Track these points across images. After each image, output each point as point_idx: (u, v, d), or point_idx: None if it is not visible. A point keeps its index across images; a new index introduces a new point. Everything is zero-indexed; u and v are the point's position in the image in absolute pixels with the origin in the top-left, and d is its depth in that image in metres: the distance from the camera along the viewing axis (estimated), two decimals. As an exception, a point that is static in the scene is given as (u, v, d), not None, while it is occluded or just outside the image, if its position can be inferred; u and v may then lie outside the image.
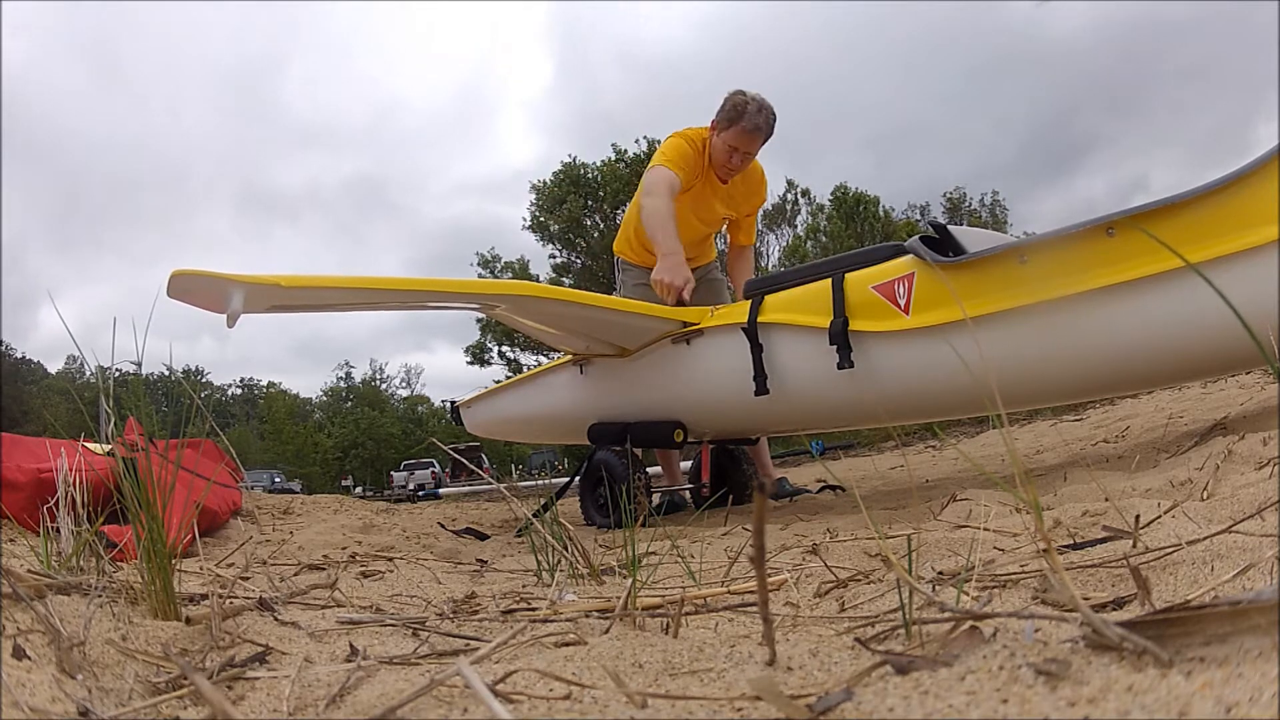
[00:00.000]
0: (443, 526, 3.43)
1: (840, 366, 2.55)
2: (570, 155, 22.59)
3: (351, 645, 0.86)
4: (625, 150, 22.07)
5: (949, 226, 2.60)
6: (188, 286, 2.31)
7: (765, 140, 3.31)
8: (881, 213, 20.00)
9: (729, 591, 1.04)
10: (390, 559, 1.99)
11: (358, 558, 2.04)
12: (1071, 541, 1.07)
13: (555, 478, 4.29)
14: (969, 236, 2.63)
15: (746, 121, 3.21)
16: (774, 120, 3.28)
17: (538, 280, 21.56)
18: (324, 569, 1.75)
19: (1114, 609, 0.76)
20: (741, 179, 3.49)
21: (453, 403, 4.64)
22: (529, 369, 5.33)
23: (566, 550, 1.40)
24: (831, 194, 20.44)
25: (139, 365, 1.14)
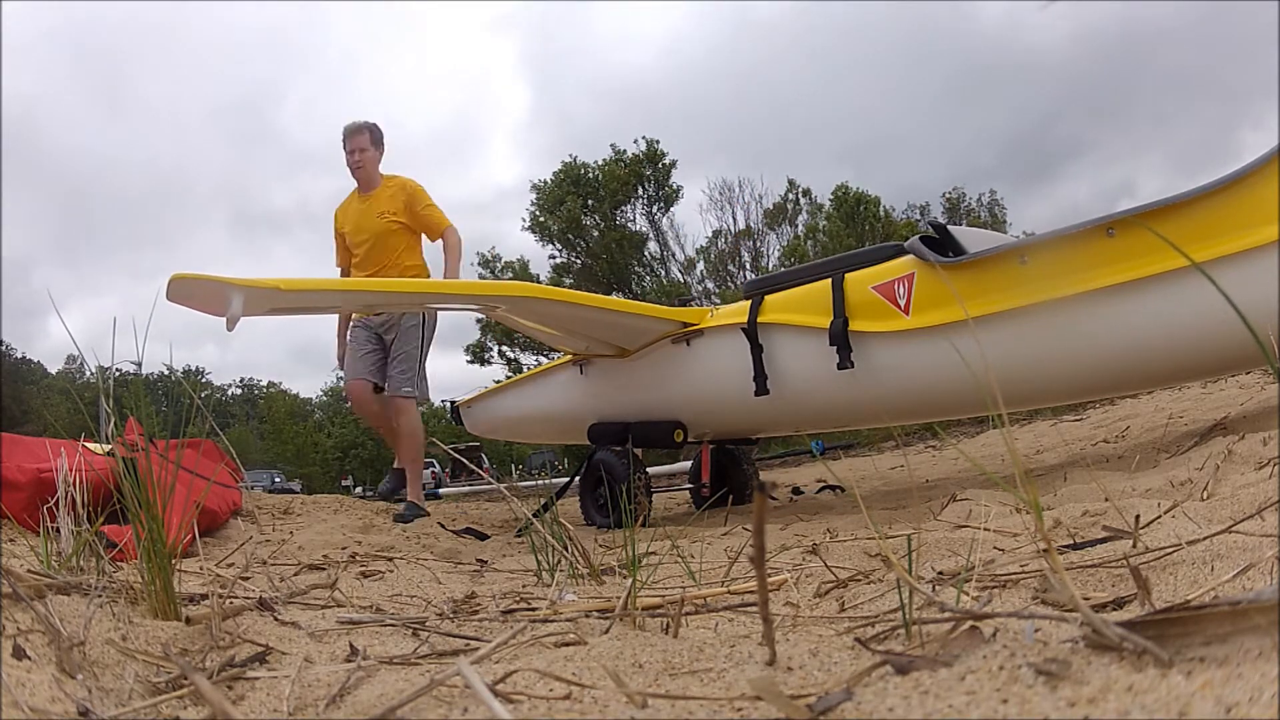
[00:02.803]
0: (443, 526, 3.42)
1: (840, 367, 2.55)
2: (571, 155, 22.51)
3: (351, 645, 0.86)
4: (624, 150, 22.04)
5: (949, 226, 2.60)
6: (187, 290, 2.31)
7: (348, 141, 3.98)
8: (882, 213, 19.97)
9: (729, 591, 1.04)
10: (390, 559, 1.99)
11: (357, 557, 2.04)
12: (1071, 541, 1.07)
13: (555, 478, 4.28)
14: (969, 237, 2.63)
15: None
16: (347, 130, 4.02)
17: (538, 280, 21.53)
18: (324, 569, 1.75)
19: (1114, 609, 0.76)
20: (382, 190, 4.01)
21: (453, 403, 4.63)
22: (529, 369, 5.33)
23: (566, 550, 1.40)
24: (832, 194, 20.42)
25: (139, 365, 1.14)
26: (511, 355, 22.65)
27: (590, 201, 21.87)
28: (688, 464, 5.71)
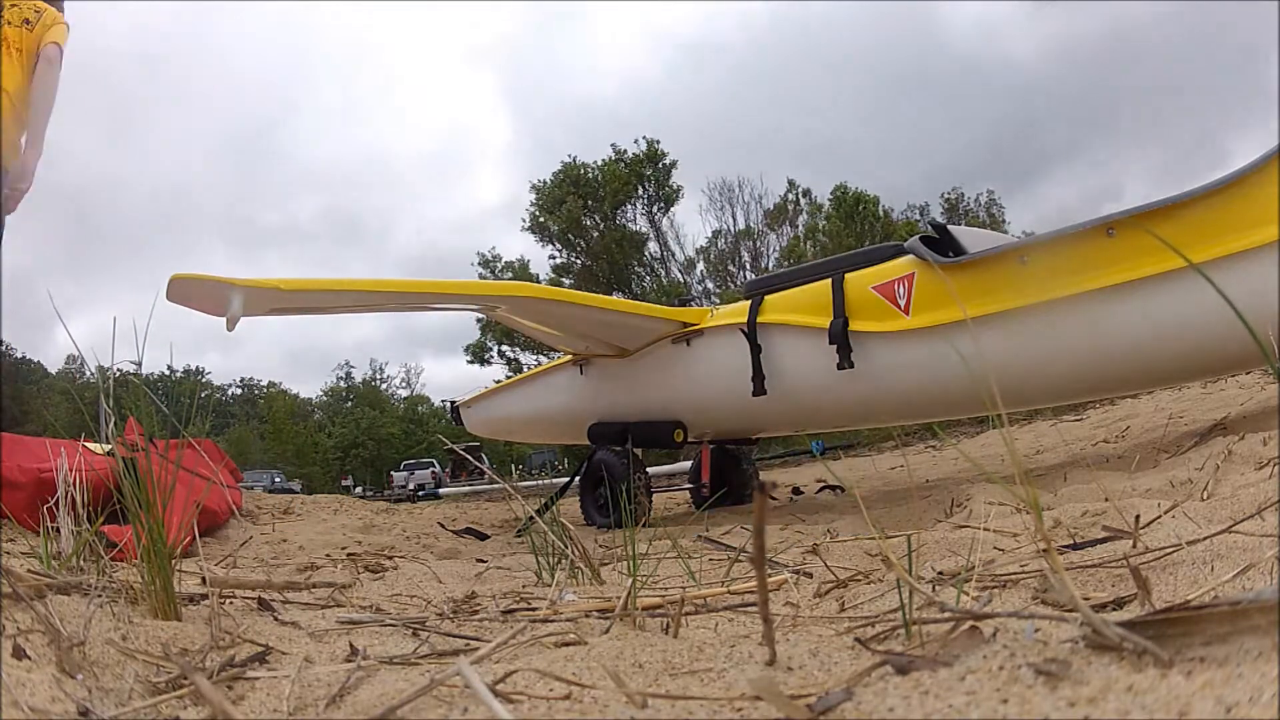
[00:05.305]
0: (443, 526, 3.43)
1: (840, 367, 2.55)
2: (571, 155, 22.52)
3: (351, 645, 0.86)
4: (625, 150, 22.08)
5: (949, 226, 2.61)
6: (187, 291, 2.31)
7: None
8: (881, 212, 19.96)
9: (729, 591, 1.04)
10: (391, 559, 1.99)
11: (353, 556, 2.04)
12: (1071, 541, 1.07)
13: (555, 478, 4.29)
14: (969, 237, 2.63)
15: None
16: None
17: (538, 281, 21.53)
18: (324, 568, 1.75)
19: (1114, 609, 0.76)
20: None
21: (453, 402, 4.64)
22: (529, 369, 5.33)
23: (567, 550, 1.40)
24: (831, 193, 20.41)
25: (139, 365, 1.14)
26: (511, 355, 22.67)
27: (590, 202, 21.87)
28: (688, 464, 5.71)
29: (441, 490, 17.21)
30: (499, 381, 4.79)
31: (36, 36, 3.28)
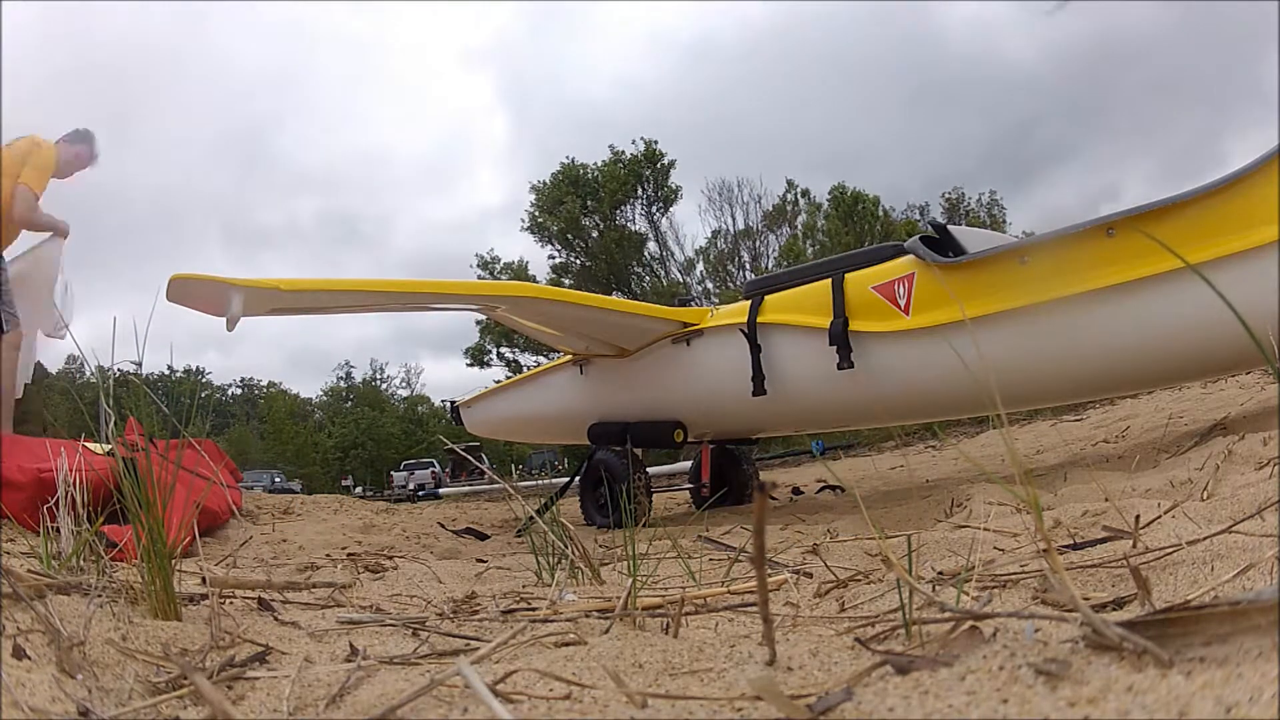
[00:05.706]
0: (443, 526, 3.43)
1: (840, 367, 2.55)
2: (569, 156, 22.53)
3: (351, 645, 0.86)
4: (623, 151, 22.09)
5: (949, 226, 2.61)
6: (187, 290, 2.31)
7: None
8: (881, 212, 19.95)
9: (729, 591, 1.04)
10: (391, 559, 1.99)
11: (353, 556, 2.04)
12: (1071, 541, 1.07)
13: (555, 478, 4.29)
14: (970, 237, 2.63)
15: None
16: None
17: (536, 281, 21.52)
18: (324, 568, 1.75)
19: (1114, 609, 0.76)
20: None
21: (453, 403, 4.64)
22: (529, 369, 5.33)
23: (567, 550, 1.40)
24: (829, 193, 20.39)
25: (139, 365, 1.14)
26: (511, 356, 22.68)
27: (589, 202, 21.87)
28: (688, 464, 5.72)
29: (441, 490, 17.21)
30: (499, 382, 4.80)
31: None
